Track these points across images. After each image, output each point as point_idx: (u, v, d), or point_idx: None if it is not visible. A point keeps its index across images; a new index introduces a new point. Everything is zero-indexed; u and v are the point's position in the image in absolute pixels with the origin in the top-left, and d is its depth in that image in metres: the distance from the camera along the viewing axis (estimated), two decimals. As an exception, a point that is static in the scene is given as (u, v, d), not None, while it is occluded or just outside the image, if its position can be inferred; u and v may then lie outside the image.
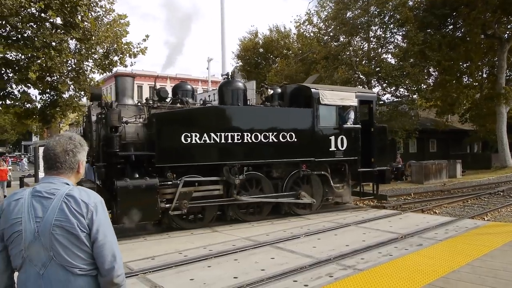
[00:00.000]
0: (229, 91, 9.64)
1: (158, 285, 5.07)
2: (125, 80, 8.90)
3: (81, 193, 1.93)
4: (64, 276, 1.86)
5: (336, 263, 5.83)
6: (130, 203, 7.56)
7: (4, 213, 1.90)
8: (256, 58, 36.18)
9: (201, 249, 6.81)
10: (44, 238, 1.84)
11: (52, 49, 11.88)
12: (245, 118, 9.10)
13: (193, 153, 8.40)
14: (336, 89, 10.75)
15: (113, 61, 13.83)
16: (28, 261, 1.86)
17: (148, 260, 6.23)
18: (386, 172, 11.12)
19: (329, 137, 9.98)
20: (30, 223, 1.85)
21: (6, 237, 1.89)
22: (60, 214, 1.85)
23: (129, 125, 8.23)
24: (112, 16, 13.73)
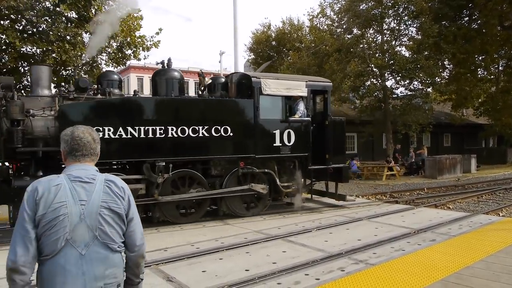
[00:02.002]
0: (162, 81, 8.65)
1: (170, 276, 5.13)
2: (39, 69, 8.04)
3: (116, 178, 2.18)
4: (104, 254, 2.02)
5: (348, 257, 5.82)
6: None
7: (44, 198, 1.94)
8: (269, 51, 35.99)
9: (213, 242, 6.86)
10: (90, 219, 1.99)
11: (66, 42, 12.03)
12: (170, 110, 8.14)
13: (107, 149, 7.35)
14: (282, 78, 9.77)
15: (126, 55, 13.96)
16: (71, 243, 1.95)
17: (161, 251, 6.30)
18: (343, 170, 10.07)
19: (273, 131, 8.95)
20: (75, 206, 1.97)
21: (45, 222, 1.93)
22: (106, 196, 2.05)
23: (37, 118, 7.36)
24: (126, 10, 13.80)
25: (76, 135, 2.15)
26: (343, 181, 10.33)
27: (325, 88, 10.05)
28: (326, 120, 9.74)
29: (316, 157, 9.55)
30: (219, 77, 9.94)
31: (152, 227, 8.09)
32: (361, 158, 23.88)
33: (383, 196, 13.75)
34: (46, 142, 7.39)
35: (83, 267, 1.96)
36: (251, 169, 9.00)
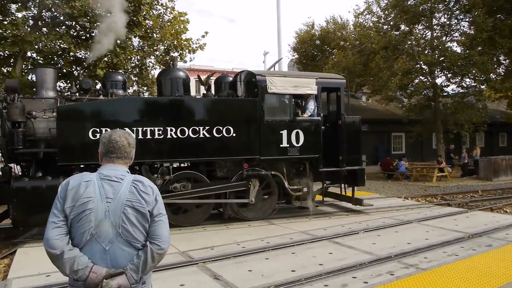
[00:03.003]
0: (167, 81, 8.55)
1: (217, 275, 5.20)
2: (44, 71, 8.16)
3: (144, 179, 2.26)
4: (127, 251, 2.11)
5: (397, 261, 5.66)
6: (28, 205, 6.98)
7: (73, 192, 2.08)
8: (313, 50, 35.62)
9: (258, 241, 6.89)
10: (114, 217, 2.09)
11: (117, 47, 12.53)
12: (169, 111, 7.98)
13: None
14: (290, 75, 9.19)
15: (173, 57, 14.32)
16: (96, 237, 2.06)
17: (207, 249, 6.42)
18: (358, 173, 9.35)
19: (279, 132, 8.52)
20: (102, 203, 2.08)
21: (74, 215, 2.06)
22: (131, 196, 2.13)
23: (39, 120, 7.48)
24: (173, 14, 14.19)
25: (112, 138, 2.27)
26: (358, 185, 9.58)
27: (338, 85, 9.50)
28: (340, 119, 9.18)
29: (332, 158, 9.13)
30: (226, 76, 9.63)
31: (198, 226, 8.25)
32: (410, 159, 23.08)
33: (433, 198, 13.23)
34: (48, 143, 7.48)
35: (107, 262, 2.06)
36: (256, 171, 8.64)
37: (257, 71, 8.83)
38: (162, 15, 14.09)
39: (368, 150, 23.84)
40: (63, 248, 2.00)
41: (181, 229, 7.95)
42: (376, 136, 25.05)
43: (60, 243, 2.01)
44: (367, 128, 24.06)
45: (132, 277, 2.07)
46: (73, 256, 2.00)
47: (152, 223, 2.17)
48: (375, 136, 24.91)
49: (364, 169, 9.53)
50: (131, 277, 2.06)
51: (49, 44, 12.13)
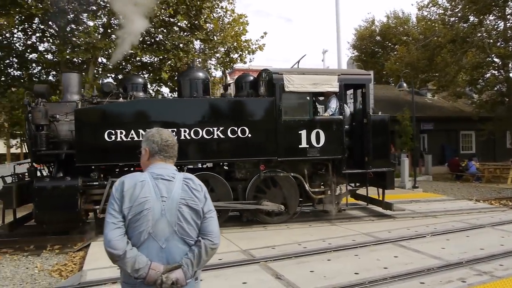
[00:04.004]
0: (186, 82, 8.49)
1: (279, 274, 5.21)
2: (69, 76, 8.53)
3: (193, 176, 2.29)
4: (182, 248, 2.15)
5: (469, 268, 5.33)
6: (49, 204, 7.32)
7: (129, 192, 2.10)
8: (373, 47, 34.66)
9: (320, 242, 6.82)
10: (170, 215, 2.13)
11: (180, 50, 12.99)
12: (183, 112, 7.91)
13: (119, 152, 7.54)
14: (310, 72, 8.57)
15: (233, 59, 14.58)
16: (153, 236, 2.10)
17: (268, 249, 6.45)
18: (387, 175, 8.76)
19: (298, 132, 8.16)
20: (157, 202, 2.11)
21: (132, 215, 2.08)
22: (184, 194, 2.17)
23: (61, 123, 7.77)
24: (233, 16, 14.44)
25: (164, 137, 2.30)
26: (387, 188, 8.96)
27: (363, 81, 8.96)
28: (366, 118, 8.67)
29: (360, 160, 8.68)
30: (247, 75, 9.44)
31: (259, 225, 8.32)
32: (480, 159, 21.66)
33: (508, 201, 12.32)
34: (70, 145, 7.73)
35: (163, 260, 2.09)
36: (275, 172, 8.38)
37: (275, 69, 8.60)
38: (222, 17, 14.40)
39: (434, 150, 22.74)
40: (125, 249, 2.03)
41: (242, 228, 8.06)
42: (443, 135, 23.80)
43: (122, 244, 2.04)
44: (433, 127, 22.96)
45: (188, 271, 2.12)
46: (134, 255, 2.04)
47: (203, 219, 2.20)
48: (442, 134, 23.68)
49: (393, 171, 8.96)
50: (187, 271, 2.12)
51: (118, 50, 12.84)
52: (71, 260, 6.71)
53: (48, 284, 5.68)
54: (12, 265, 6.54)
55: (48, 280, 5.85)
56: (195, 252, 2.15)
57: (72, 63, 13.77)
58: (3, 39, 13.22)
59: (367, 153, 8.52)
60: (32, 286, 5.64)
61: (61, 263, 6.59)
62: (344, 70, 9.00)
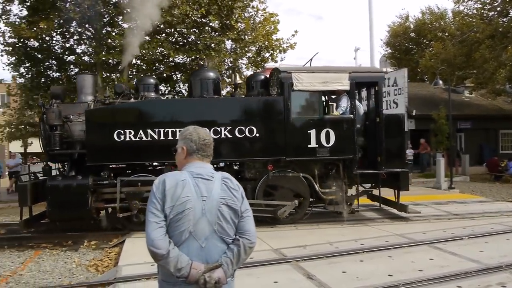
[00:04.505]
0: (197, 82, 8.51)
1: (311, 274, 5.18)
2: (83, 77, 8.75)
3: (230, 176, 2.29)
4: (221, 247, 2.16)
5: (510, 272, 5.12)
6: (61, 202, 7.57)
7: (171, 191, 2.09)
8: (407, 43, 33.80)
9: (352, 242, 6.73)
10: (210, 214, 2.13)
11: (212, 50, 13.13)
12: (190, 112, 8.00)
13: (128, 152, 7.71)
14: (320, 70, 8.40)
15: (264, 58, 14.59)
16: (194, 235, 2.11)
17: (300, 248, 6.42)
18: (401, 176, 8.46)
19: (307, 131, 8.01)
20: (198, 201, 2.12)
21: (174, 214, 2.08)
22: (224, 193, 2.17)
23: (75, 123, 7.95)
24: (264, 16, 14.45)
25: (202, 136, 2.29)
26: (401, 189, 8.63)
27: (375, 79, 8.67)
28: (378, 117, 8.40)
29: (373, 160, 8.44)
30: (258, 74, 9.29)
31: (291, 225, 8.30)
32: (522, 159, 20.73)
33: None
34: (83, 145, 7.89)
35: (203, 259, 2.10)
36: (284, 172, 8.25)
37: (284, 67, 8.50)
38: (253, 17, 14.44)
39: (472, 149, 21.95)
40: (168, 248, 2.03)
41: (273, 227, 8.06)
42: (481, 134, 22.93)
43: (165, 243, 2.04)
44: (470, 125, 22.17)
45: (228, 270, 2.13)
46: (176, 255, 2.05)
47: (241, 218, 2.21)
48: (480, 133, 22.82)
49: (407, 172, 8.63)
50: (227, 270, 2.13)
51: (151, 51, 13.11)
52: (107, 255, 6.91)
53: (85, 279, 5.88)
54: (52, 260, 6.81)
55: (85, 275, 6.05)
56: (234, 251, 2.16)
57: (108, 65, 14.17)
58: (43, 42, 13.75)
59: (379, 153, 8.29)
60: (70, 280, 5.85)
61: (97, 258, 6.81)
62: (356, 68, 8.95)
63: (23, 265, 6.57)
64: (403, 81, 19.80)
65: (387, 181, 8.63)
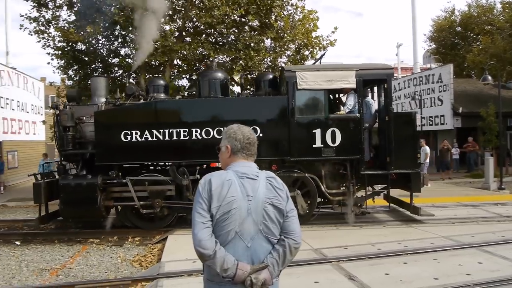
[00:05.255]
0: (205, 82, 8.54)
1: (352, 275, 5.09)
2: (97, 80, 9.03)
3: (275, 175, 2.25)
4: (266, 247, 2.13)
5: None
6: (72, 200, 7.85)
7: (217, 191, 2.08)
8: (452, 38, 32.45)
9: (395, 244, 6.55)
10: (256, 214, 2.10)
11: (251, 49, 13.19)
12: (194, 112, 8.03)
13: (135, 152, 7.90)
14: (325, 69, 8.21)
15: (304, 56, 14.48)
16: (239, 235, 2.09)
17: (341, 249, 6.33)
18: (412, 176, 8.13)
19: (312, 131, 7.86)
20: (244, 201, 2.09)
21: (220, 214, 2.07)
22: (269, 193, 2.14)
23: (87, 124, 8.19)
24: (303, 13, 14.34)
25: (246, 135, 2.26)
26: (413, 191, 8.30)
27: (383, 76, 8.27)
28: (387, 115, 8.07)
29: (384, 160, 8.14)
30: (266, 74, 9.16)
31: (331, 224, 8.20)
32: None
33: None
34: (94, 145, 8.12)
35: (248, 258, 2.08)
36: (289, 172, 8.09)
37: (289, 66, 8.35)
38: (292, 15, 14.36)
39: (524, 149, 20.77)
40: (215, 248, 2.01)
41: (313, 227, 7.99)
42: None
43: (212, 243, 2.02)
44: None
45: (274, 271, 2.11)
46: (223, 255, 2.04)
47: (285, 218, 2.17)
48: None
49: (419, 172, 8.23)
50: (273, 271, 2.10)
51: (192, 52, 13.35)
52: (150, 251, 7.11)
53: (129, 273, 6.08)
54: (98, 254, 7.09)
55: (130, 270, 6.26)
56: (280, 252, 2.13)
57: (150, 66, 14.57)
58: (90, 45, 14.33)
59: (389, 153, 7.99)
60: (116, 274, 6.07)
61: (141, 254, 7.02)
62: (363, 65, 8.57)
63: (72, 259, 6.88)
64: (449, 77, 19.08)
65: (398, 182, 8.38)
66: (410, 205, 8.49)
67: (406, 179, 8.25)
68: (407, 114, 8.82)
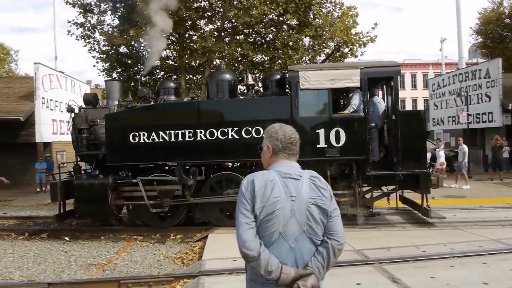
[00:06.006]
0: (213, 84, 8.56)
1: (395, 278, 4.95)
2: (111, 84, 9.40)
3: (318, 175, 2.21)
4: (309, 247, 2.10)
5: None
6: (85, 198, 8.22)
7: (260, 192, 2.06)
8: (501, 31, 30.91)
9: (440, 246, 6.32)
10: (300, 215, 2.07)
11: (289, 48, 13.16)
12: (199, 114, 8.13)
13: (142, 153, 8.10)
14: (328, 68, 8.09)
15: (344, 53, 14.28)
16: (283, 236, 2.07)
17: (383, 250, 6.18)
18: (420, 177, 7.75)
19: (316, 131, 7.75)
20: (287, 202, 2.07)
21: (264, 215, 2.05)
22: (313, 193, 2.10)
23: (100, 126, 8.44)
24: (342, 10, 14.14)
25: (288, 134, 2.22)
26: (422, 192, 7.97)
27: (389, 73, 8.02)
28: (394, 114, 7.82)
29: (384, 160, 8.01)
30: (274, 74, 9.07)
31: (373, 225, 8.03)
32: None
33: None
34: (106, 146, 8.37)
35: (292, 259, 2.05)
36: None
37: (293, 66, 8.33)
38: (331, 12, 14.19)
39: None
40: (260, 250, 2.00)
41: (355, 227, 7.85)
42: None
43: (257, 245, 2.00)
44: None
45: (320, 275, 2.08)
46: (267, 257, 2.02)
47: (329, 218, 2.13)
48: None
49: (428, 173, 7.88)
50: (319, 276, 2.08)
51: (231, 52, 13.48)
52: (191, 249, 7.23)
53: (172, 270, 6.21)
54: (142, 251, 7.30)
55: (172, 267, 6.40)
56: (324, 255, 2.10)
57: (190, 67, 14.85)
58: (132, 48, 14.80)
59: (396, 153, 7.78)
60: (159, 271, 6.22)
61: (183, 251, 7.16)
62: (368, 63, 8.34)
63: (117, 255, 7.12)
64: (497, 72, 18.17)
65: (408, 183, 8.08)
66: (421, 207, 8.20)
67: (416, 179, 7.97)
68: (416, 113, 8.50)
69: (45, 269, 6.45)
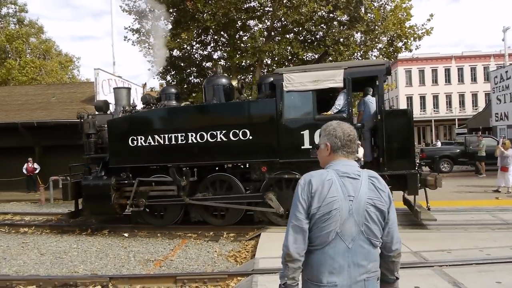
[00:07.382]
0: (209, 88, 8.79)
1: (457, 282, 4.69)
2: (119, 91, 10.11)
3: (377, 174, 2.15)
4: (367, 249, 2.04)
5: None
6: (91, 197, 8.83)
7: (318, 192, 2.02)
8: None
9: (507, 249, 5.91)
10: (357, 215, 2.02)
11: (340, 45, 12.91)
12: (189, 118, 8.56)
13: (140, 155, 8.59)
14: (312, 69, 7.99)
15: (397, 47, 13.78)
16: (340, 236, 2.02)
17: (443, 253, 5.88)
18: (407, 178, 7.48)
19: (300, 132, 7.76)
20: (345, 202, 2.02)
21: (320, 215, 2.02)
22: (372, 193, 2.05)
23: (106, 131, 8.98)
24: (395, 3, 13.66)
25: (346, 132, 2.16)
26: (409, 193, 7.78)
27: (374, 73, 7.86)
28: (379, 114, 7.64)
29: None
30: (267, 77, 8.97)
31: (432, 227, 7.69)
32: None
33: None
34: None
35: (349, 260, 2.01)
36: (280, 174, 8.12)
37: (279, 69, 8.57)
38: (384, 5, 13.74)
39: None
40: (299, 257, 2.04)
41: (412, 228, 7.58)
42: None
43: (300, 249, 2.03)
44: None
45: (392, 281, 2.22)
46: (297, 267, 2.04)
47: (387, 224, 2.10)
48: None
49: (416, 174, 7.63)
50: None
51: (281, 51, 13.46)
52: (244, 247, 7.30)
53: (225, 268, 6.31)
54: (196, 248, 7.48)
55: (226, 264, 6.50)
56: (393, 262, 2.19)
57: (241, 67, 15.02)
58: (185, 51, 15.22)
59: (381, 154, 7.68)
60: (213, 268, 6.34)
61: (236, 249, 7.24)
62: (352, 63, 8.30)
63: (173, 251, 7.35)
64: None
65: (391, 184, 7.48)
66: (413, 208, 8.06)
67: (402, 181, 7.71)
68: (403, 112, 8.49)
69: (106, 264, 6.79)
